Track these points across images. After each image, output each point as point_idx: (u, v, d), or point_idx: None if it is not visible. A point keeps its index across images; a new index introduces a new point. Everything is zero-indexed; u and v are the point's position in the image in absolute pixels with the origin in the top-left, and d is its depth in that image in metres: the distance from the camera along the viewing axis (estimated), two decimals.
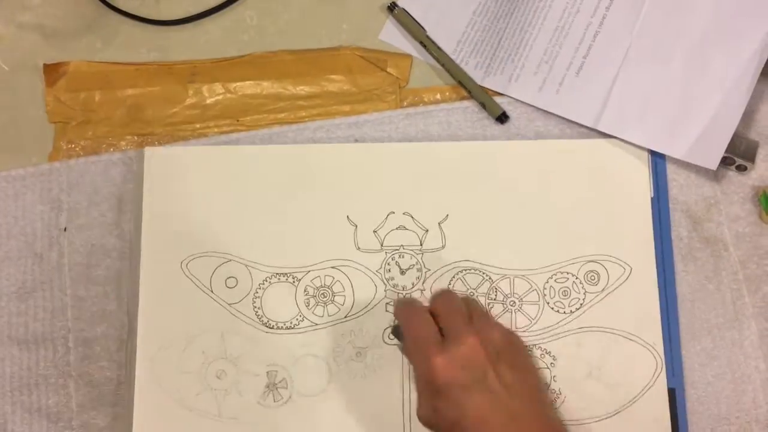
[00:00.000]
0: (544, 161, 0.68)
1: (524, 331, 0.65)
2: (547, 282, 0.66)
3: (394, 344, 0.65)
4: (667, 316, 0.65)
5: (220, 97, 0.72)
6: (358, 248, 0.67)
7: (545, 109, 0.70)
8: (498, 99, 0.70)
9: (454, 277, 0.67)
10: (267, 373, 0.65)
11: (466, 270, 0.67)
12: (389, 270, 0.67)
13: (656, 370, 0.64)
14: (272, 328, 0.66)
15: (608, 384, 0.64)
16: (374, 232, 0.67)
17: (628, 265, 0.66)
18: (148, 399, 0.65)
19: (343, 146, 0.69)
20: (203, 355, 0.65)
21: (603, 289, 0.66)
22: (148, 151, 0.69)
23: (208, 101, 0.72)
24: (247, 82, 0.72)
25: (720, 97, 0.66)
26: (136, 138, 0.71)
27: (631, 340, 0.65)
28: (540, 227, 0.67)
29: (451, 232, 0.67)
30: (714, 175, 0.68)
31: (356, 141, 0.70)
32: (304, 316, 0.66)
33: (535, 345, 0.65)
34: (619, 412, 0.64)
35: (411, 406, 0.64)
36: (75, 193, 0.69)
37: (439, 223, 0.67)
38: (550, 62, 0.70)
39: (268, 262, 0.67)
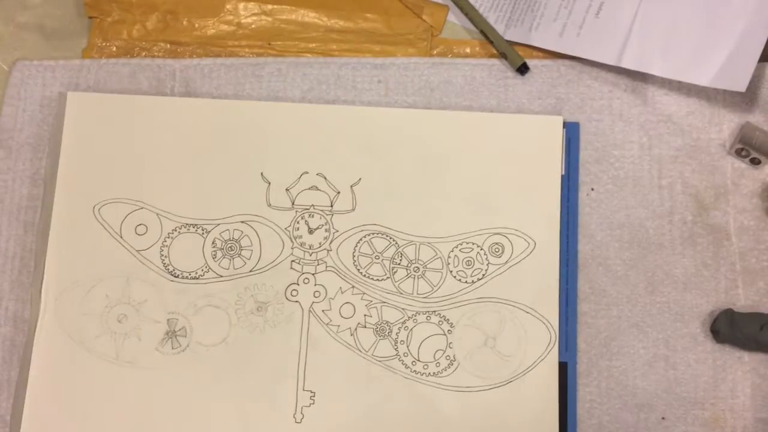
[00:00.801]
0: (461, 133, 0.69)
1: (425, 298, 0.66)
2: (452, 251, 0.67)
3: (295, 301, 0.66)
4: (566, 293, 0.66)
5: (255, 17, 0.73)
6: (270, 205, 0.68)
7: (567, 53, 0.70)
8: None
9: (361, 240, 0.67)
10: (167, 320, 0.66)
11: (373, 234, 0.67)
12: (298, 228, 0.68)
13: (549, 343, 0.65)
14: (177, 276, 0.67)
15: (502, 354, 0.65)
16: (287, 190, 0.68)
17: (532, 239, 0.67)
18: (49, 338, 0.66)
19: (263, 104, 0.70)
20: (107, 298, 0.66)
21: (506, 262, 0.67)
22: (72, 95, 0.70)
23: (243, 20, 0.73)
24: (285, 6, 0.73)
25: (744, 20, 0.66)
26: (168, 46, 0.73)
27: (528, 313, 0.66)
28: (450, 197, 0.68)
29: (362, 196, 0.68)
30: (727, 165, 0.68)
31: (379, 82, 0.71)
32: (209, 268, 0.67)
33: (434, 312, 0.66)
34: (511, 381, 0.65)
35: (306, 363, 0.65)
36: (101, 91, 0.71)
37: (351, 186, 0.68)
38: (569, 7, 0.71)
39: (179, 213, 0.68)
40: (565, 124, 0.69)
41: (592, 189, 0.68)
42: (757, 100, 0.69)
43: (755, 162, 0.68)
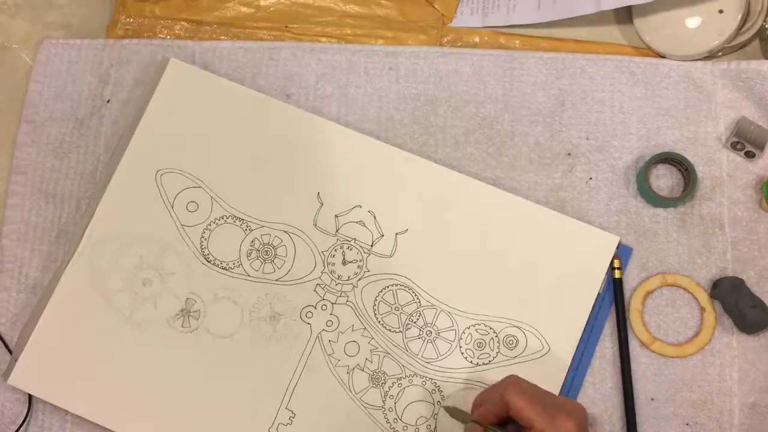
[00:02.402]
0: (518, 220, 0.69)
1: (428, 363, 0.67)
2: (468, 328, 0.68)
3: (307, 323, 0.67)
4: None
5: (273, 0, 0.76)
6: (315, 225, 0.69)
7: (549, 20, 0.73)
8: None
9: (388, 287, 0.68)
10: (186, 299, 0.68)
11: (401, 286, 0.68)
12: (334, 256, 0.69)
13: None
14: (209, 262, 0.69)
15: None
16: (336, 216, 0.69)
17: (548, 344, 0.67)
18: (75, 278, 0.68)
19: (342, 128, 0.71)
20: (140, 259, 0.69)
21: (516, 356, 0.67)
22: (173, 62, 0.72)
23: (262, 2, 0.76)
24: None
25: None
26: (189, 25, 0.76)
27: None
28: (485, 276, 0.68)
29: (403, 246, 0.69)
30: (723, 158, 0.71)
31: (390, 69, 0.73)
32: (240, 263, 0.69)
33: (431, 379, 0.67)
34: None
35: (298, 384, 0.66)
36: (123, 71, 0.74)
37: (396, 234, 0.69)
38: None
39: (231, 203, 0.70)
40: (619, 246, 0.69)
41: (591, 178, 0.71)
42: (753, 96, 0.71)
43: (750, 155, 0.70)
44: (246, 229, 0.69)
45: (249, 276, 0.69)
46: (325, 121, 0.71)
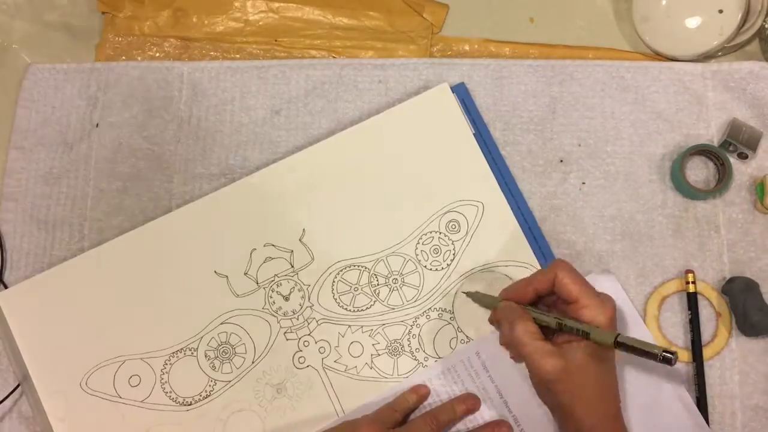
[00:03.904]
0: (368, 143, 0.71)
1: (415, 301, 0.68)
2: (416, 248, 0.69)
3: (306, 367, 0.67)
4: (531, 232, 0.69)
5: (262, 14, 0.76)
6: (237, 295, 0.68)
7: None
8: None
9: (333, 281, 0.69)
10: None
11: (341, 270, 0.69)
12: (273, 302, 0.68)
13: None
14: (190, 404, 0.67)
15: None
16: (245, 274, 0.69)
17: (478, 201, 0.69)
18: None
19: (174, 215, 0.70)
20: None
21: (467, 233, 0.69)
22: (2, 296, 0.68)
23: (251, 17, 0.76)
24: (291, 5, 0.76)
25: None
26: (179, 42, 0.75)
27: (508, 266, 0.68)
28: (389, 203, 0.70)
29: (313, 243, 0.69)
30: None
31: (380, 82, 0.73)
32: (215, 380, 0.67)
33: (430, 308, 0.68)
34: None
35: (345, 414, 0.66)
36: (111, 93, 0.74)
37: (299, 239, 0.69)
38: None
39: (159, 346, 0.67)
40: (453, 89, 0.72)
41: (584, 183, 0.71)
42: (744, 97, 0.71)
43: (742, 156, 0.70)
44: (192, 353, 0.67)
45: (230, 382, 0.67)
46: (153, 224, 0.69)
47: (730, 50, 0.73)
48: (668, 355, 0.54)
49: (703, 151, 0.70)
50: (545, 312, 0.61)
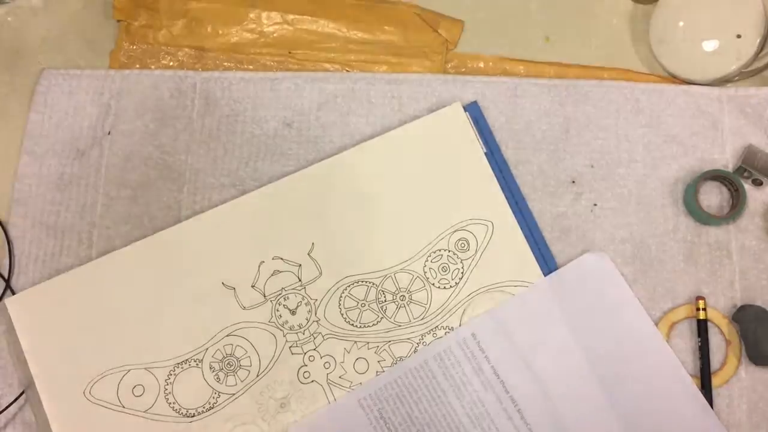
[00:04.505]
0: (381, 160, 0.71)
1: (422, 319, 0.68)
2: (425, 265, 0.69)
3: (310, 382, 0.66)
4: (540, 253, 0.69)
5: (277, 26, 0.76)
6: (244, 308, 0.68)
7: None
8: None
9: (341, 297, 0.68)
10: None
11: (349, 285, 0.69)
12: (280, 315, 0.68)
13: None
14: (194, 416, 0.66)
15: None
16: (252, 286, 0.68)
17: (488, 220, 0.69)
18: None
19: (187, 224, 0.70)
20: None
21: (476, 251, 0.69)
22: (10, 302, 0.68)
23: (266, 28, 0.76)
24: (306, 17, 0.76)
25: None
26: (193, 52, 0.76)
27: (516, 286, 0.68)
28: (399, 219, 0.69)
29: (322, 258, 0.69)
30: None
31: (393, 98, 0.73)
32: (219, 392, 0.67)
33: (437, 327, 0.68)
34: None
35: None
36: (124, 101, 0.74)
37: (308, 254, 0.69)
38: None
39: (164, 357, 0.67)
40: (466, 108, 0.71)
41: (595, 204, 0.70)
42: (761, 123, 0.71)
43: (757, 183, 0.69)
44: (197, 364, 0.67)
45: (234, 395, 0.67)
46: (164, 234, 0.69)
47: (747, 75, 0.72)
48: None
49: (717, 176, 0.69)
50: None
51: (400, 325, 0.68)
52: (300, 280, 0.69)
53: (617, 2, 0.76)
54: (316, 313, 0.68)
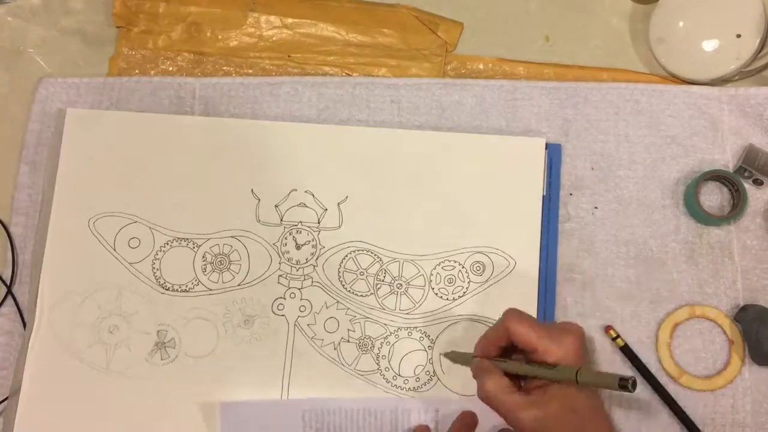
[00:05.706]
0: (446, 153, 0.71)
1: (407, 314, 0.68)
2: (435, 269, 0.69)
3: (281, 315, 0.68)
4: (544, 312, 0.68)
5: (276, 30, 0.76)
6: (259, 221, 0.70)
7: None
8: None
9: (346, 256, 0.69)
10: (157, 332, 0.68)
11: (359, 250, 0.69)
12: (286, 244, 0.69)
13: None
14: (168, 289, 0.69)
15: None
16: (275, 206, 0.70)
17: (512, 258, 0.69)
18: (42, 347, 0.68)
19: (253, 123, 0.72)
20: (99, 309, 0.68)
21: (487, 280, 0.68)
22: (71, 112, 0.72)
23: (264, 32, 0.76)
24: (305, 21, 0.76)
25: None
26: (192, 56, 0.76)
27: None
28: (434, 216, 0.70)
29: (348, 213, 0.70)
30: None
31: (392, 102, 0.73)
32: (199, 281, 0.69)
33: (416, 327, 0.68)
34: None
35: (291, 376, 0.67)
36: (124, 109, 0.74)
37: (338, 204, 0.70)
38: None
39: (171, 227, 0.70)
40: (548, 146, 0.71)
41: (596, 207, 0.70)
42: (761, 122, 0.70)
43: (758, 183, 0.69)
44: (193, 247, 0.70)
45: (211, 290, 0.69)
46: (230, 120, 0.72)
47: (747, 75, 0.72)
48: (624, 382, 0.54)
49: (717, 176, 0.69)
50: (516, 360, 0.61)
51: (384, 309, 0.68)
52: (319, 223, 0.70)
53: (617, 2, 0.76)
54: (317, 259, 0.69)
